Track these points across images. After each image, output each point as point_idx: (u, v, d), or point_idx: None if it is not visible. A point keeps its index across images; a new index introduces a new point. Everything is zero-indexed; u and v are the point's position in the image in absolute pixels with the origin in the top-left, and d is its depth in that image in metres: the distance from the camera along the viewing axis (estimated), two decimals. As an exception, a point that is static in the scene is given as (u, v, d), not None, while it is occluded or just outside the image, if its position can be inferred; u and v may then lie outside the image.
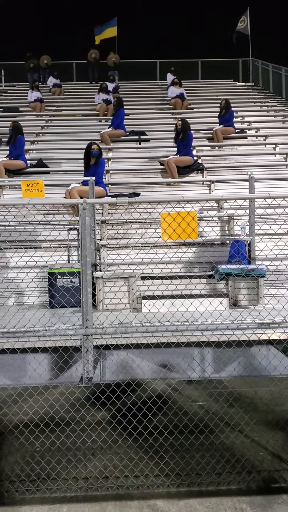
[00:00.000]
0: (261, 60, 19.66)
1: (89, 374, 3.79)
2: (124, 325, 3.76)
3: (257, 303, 5.85)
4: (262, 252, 5.50)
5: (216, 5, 25.38)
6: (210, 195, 9.07)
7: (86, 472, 3.39)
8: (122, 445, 3.63)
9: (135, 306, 5.86)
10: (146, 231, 7.06)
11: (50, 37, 24.23)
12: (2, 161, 9.56)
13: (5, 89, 19.07)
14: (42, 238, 6.98)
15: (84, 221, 3.81)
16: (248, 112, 14.58)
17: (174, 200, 4.71)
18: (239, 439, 3.73)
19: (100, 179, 8.14)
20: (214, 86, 18.76)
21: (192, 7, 26.62)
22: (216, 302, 5.43)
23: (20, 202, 6.47)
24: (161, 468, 3.39)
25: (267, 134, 12.06)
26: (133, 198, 4.11)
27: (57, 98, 16.82)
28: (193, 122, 11.60)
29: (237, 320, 3.76)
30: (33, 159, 10.45)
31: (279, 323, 3.76)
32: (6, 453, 3.68)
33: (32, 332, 3.71)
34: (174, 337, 4.17)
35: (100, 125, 13.28)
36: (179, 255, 6.11)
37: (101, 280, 5.89)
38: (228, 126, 11.80)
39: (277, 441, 3.80)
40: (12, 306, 6.25)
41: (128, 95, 16.52)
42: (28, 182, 6.79)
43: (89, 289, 3.80)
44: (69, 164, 10.54)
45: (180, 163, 9.71)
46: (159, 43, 25.44)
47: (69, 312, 4.98)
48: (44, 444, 3.66)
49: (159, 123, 13.40)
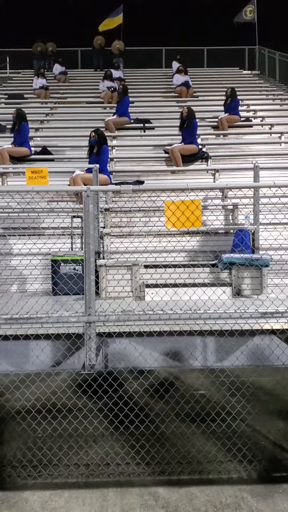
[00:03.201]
0: (267, 48, 19.41)
1: (91, 361, 3.80)
2: (127, 313, 3.75)
3: (260, 292, 5.84)
4: (266, 241, 5.47)
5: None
6: (215, 183, 9.03)
7: (88, 459, 3.41)
8: (124, 432, 3.64)
9: (138, 294, 5.85)
10: (149, 219, 7.04)
11: (55, 23, 23.96)
12: (7, 148, 9.53)
13: (10, 76, 18.95)
14: (45, 225, 6.98)
15: (87, 208, 3.79)
16: (253, 100, 14.46)
17: (179, 188, 4.68)
18: (241, 428, 3.73)
19: (104, 167, 8.11)
20: (219, 74, 18.59)
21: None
22: (219, 291, 5.42)
23: (24, 189, 6.45)
24: (162, 456, 3.39)
25: (273, 123, 11.97)
26: (137, 186, 4.08)
27: (62, 86, 16.71)
28: (198, 111, 11.52)
29: (240, 310, 3.75)
30: (38, 146, 10.41)
31: (282, 313, 3.74)
32: (8, 439, 3.70)
33: (35, 318, 3.71)
34: (177, 325, 4.17)
35: (104, 113, 13.21)
36: (183, 244, 6.09)
37: (104, 268, 5.88)
38: (233, 114, 11.71)
39: (279, 430, 3.80)
40: (15, 293, 6.26)
41: (133, 82, 16.40)
42: (32, 169, 6.78)
43: (92, 277, 3.79)
44: (73, 151, 10.52)
45: (185, 152, 9.65)
46: (165, 30, 25.14)
47: (72, 299, 4.98)
48: (46, 430, 3.67)
49: (164, 111, 13.31)
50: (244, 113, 12.68)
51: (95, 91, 15.33)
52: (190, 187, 4.05)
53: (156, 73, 19.10)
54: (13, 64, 20.08)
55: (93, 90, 15.57)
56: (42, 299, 4.87)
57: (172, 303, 4.06)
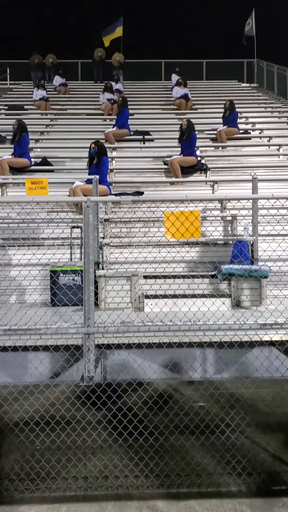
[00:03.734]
0: (266, 61, 19.61)
1: (90, 373, 3.78)
2: (126, 324, 3.74)
3: (259, 303, 5.83)
4: (265, 252, 5.48)
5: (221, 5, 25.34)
6: (214, 195, 9.06)
7: (86, 472, 3.38)
8: (123, 445, 3.61)
9: (137, 305, 5.84)
10: (149, 230, 7.05)
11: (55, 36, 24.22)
12: (7, 158, 9.56)
13: (10, 87, 19.08)
14: (45, 235, 6.98)
15: (87, 219, 3.80)
16: (252, 113, 14.56)
17: (178, 199, 4.69)
18: (240, 440, 3.71)
19: (104, 178, 8.14)
20: (218, 87, 18.74)
21: (197, 7, 26.59)
22: (218, 302, 5.42)
23: (24, 199, 6.46)
24: (161, 469, 3.37)
25: (271, 135, 12.05)
26: (136, 197, 4.10)
27: (62, 97, 16.82)
28: (197, 123, 11.60)
29: (239, 321, 3.74)
30: (38, 157, 10.45)
31: (281, 324, 3.74)
32: (6, 451, 3.67)
33: (34, 330, 3.70)
34: (176, 337, 4.16)
35: (104, 124, 13.29)
36: (182, 255, 6.09)
37: (103, 278, 5.88)
38: (232, 127, 11.78)
39: (278, 443, 3.78)
40: (14, 304, 6.25)
41: (132, 95, 16.52)
42: (32, 180, 6.80)
43: (91, 288, 3.79)
44: (73, 162, 10.56)
45: (184, 163, 9.69)
46: (164, 43, 25.41)
47: (71, 310, 4.97)
48: (44, 443, 3.65)
49: (163, 123, 13.40)
50: (243, 126, 12.76)
51: (95, 103, 15.44)
52: (189, 198, 4.06)
53: (155, 85, 19.26)
54: (14, 76, 20.24)
55: (93, 102, 15.68)
56: (41, 310, 4.85)
57: (172, 314, 4.06)
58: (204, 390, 4.47)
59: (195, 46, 23.62)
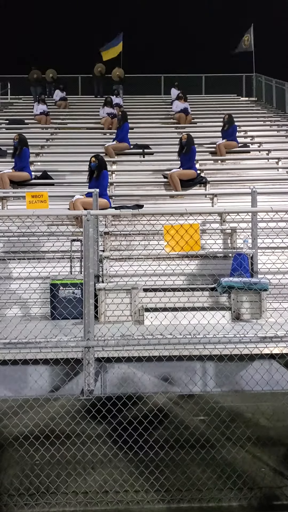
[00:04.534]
0: (264, 76, 19.84)
1: (90, 386, 3.78)
2: (126, 337, 3.75)
3: (259, 316, 5.83)
4: (264, 265, 5.50)
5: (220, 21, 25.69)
6: (213, 208, 9.10)
7: (86, 486, 3.35)
8: (123, 459, 3.59)
9: (137, 318, 5.84)
10: (149, 243, 7.07)
11: (56, 50, 24.51)
12: (7, 172, 9.62)
13: (11, 101, 19.27)
14: (45, 249, 7.00)
15: (87, 232, 3.82)
16: (251, 126, 14.68)
17: (177, 213, 4.72)
18: (241, 454, 3.69)
19: (104, 191, 8.18)
20: (217, 101, 18.92)
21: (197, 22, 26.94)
22: (218, 315, 5.42)
23: (25, 213, 6.50)
24: (161, 483, 3.35)
25: (270, 149, 12.13)
26: (136, 210, 4.13)
27: (62, 111, 16.97)
28: (197, 137, 11.68)
29: (239, 334, 3.75)
30: (38, 171, 10.52)
31: (281, 337, 3.75)
32: (5, 466, 3.65)
33: (34, 343, 3.71)
34: (176, 350, 4.16)
35: (104, 138, 13.39)
36: (182, 267, 6.11)
37: (103, 291, 5.89)
38: (231, 140, 11.87)
39: (279, 457, 3.76)
40: (14, 317, 6.24)
41: (132, 109, 16.66)
42: (33, 194, 6.84)
43: (91, 301, 3.80)
44: (73, 176, 10.62)
45: (184, 177, 9.75)
46: (164, 58, 25.71)
47: (71, 323, 4.97)
48: (44, 457, 3.63)
49: (163, 137, 13.50)
50: (242, 139, 12.86)
51: (95, 117, 15.57)
52: (188, 212, 4.10)
53: (155, 99, 19.44)
54: (15, 90, 20.46)
55: (93, 116, 15.82)
56: (40, 323, 4.86)
57: (171, 327, 4.06)
58: (204, 404, 4.45)
59: (195, 60, 23.91)
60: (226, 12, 26.62)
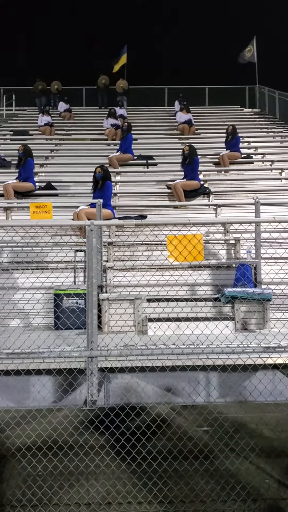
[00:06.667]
0: (267, 87, 19.96)
1: (93, 397, 3.77)
2: (129, 347, 3.75)
3: (263, 326, 5.82)
4: (267, 275, 5.50)
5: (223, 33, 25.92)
6: (217, 218, 9.12)
7: (89, 498, 3.33)
8: (126, 470, 3.57)
9: (141, 329, 5.84)
10: (152, 253, 7.08)
11: (61, 63, 24.77)
12: (12, 183, 9.69)
13: (16, 113, 19.45)
14: (49, 259, 7.02)
15: (91, 242, 3.84)
16: (254, 138, 14.75)
17: (181, 223, 4.75)
18: (244, 465, 3.66)
19: (108, 202, 8.22)
20: (221, 113, 19.04)
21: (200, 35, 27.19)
22: (222, 326, 5.41)
23: (28, 223, 6.53)
24: (165, 495, 3.32)
25: (273, 160, 12.18)
26: (140, 220, 4.15)
27: (66, 123, 17.11)
28: (200, 148, 11.75)
29: (243, 344, 3.74)
30: (42, 181, 10.58)
31: (285, 347, 3.74)
32: (8, 477, 3.63)
33: (37, 353, 3.71)
34: (180, 360, 4.15)
35: (108, 149, 13.47)
36: (185, 278, 6.11)
37: (107, 301, 5.89)
38: (234, 151, 11.93)
39: (283, 468, 3.72)
40: (17, 327, 6.25)
41: (136, 120, 16.78)
42: (37, 204, 6.88)
43: (94, 311, 3.81)
44: (77, 187, 10.68)
45: (187, 187, 9.79)
46: (167, 70, 25.94)
47: (74, 334, 4.98)
48: (46, 468, 3.61)
49: (166, 148, 13.57)
50: (245, 150, 12.91)
51: (99, 128, 15.68)
52: (192, 222, 4.12)
53: (158, 111, 19.58)
54: (19, 102, 20.66)
55: (97, 128, 15.93)
56: (44, 333, 4.86)
57: (175, 337, 4.06)
58: (207, 414, 4.43)
59: (198, 72, 24.10)
60: (229, 24, 26.88)
